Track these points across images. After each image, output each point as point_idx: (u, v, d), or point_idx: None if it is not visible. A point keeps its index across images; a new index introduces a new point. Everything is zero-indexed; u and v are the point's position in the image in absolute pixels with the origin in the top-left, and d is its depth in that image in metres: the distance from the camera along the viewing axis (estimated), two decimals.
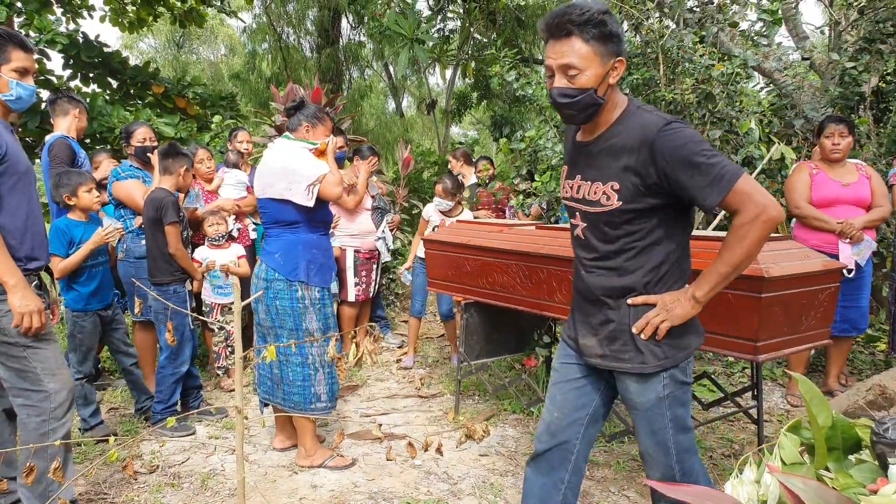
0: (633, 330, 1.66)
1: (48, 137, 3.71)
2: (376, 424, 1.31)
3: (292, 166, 2.81)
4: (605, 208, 1.66)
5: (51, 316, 2.35)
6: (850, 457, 1.05)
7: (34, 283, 2.23)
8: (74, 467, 2.62)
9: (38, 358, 2.17)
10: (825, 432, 1.02)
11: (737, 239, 1.54)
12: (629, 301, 1.68)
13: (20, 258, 2.13)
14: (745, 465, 1.17)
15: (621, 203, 1.63)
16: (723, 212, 4.21)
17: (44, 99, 7.31)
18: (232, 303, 4.12)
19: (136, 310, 2.39)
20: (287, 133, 3.02)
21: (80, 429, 3.27)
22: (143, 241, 3.49)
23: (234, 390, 4.04)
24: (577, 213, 1.76)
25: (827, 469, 1.04)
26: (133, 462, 2.35)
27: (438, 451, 1.29)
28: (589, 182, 1.71)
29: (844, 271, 3.67)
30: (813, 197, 3.62)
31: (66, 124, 3.74)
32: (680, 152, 1.52)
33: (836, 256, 3.53)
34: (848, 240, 3.56)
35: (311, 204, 2.79)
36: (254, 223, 4.61)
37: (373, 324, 2.33)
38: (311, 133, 2.98)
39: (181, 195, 3.63)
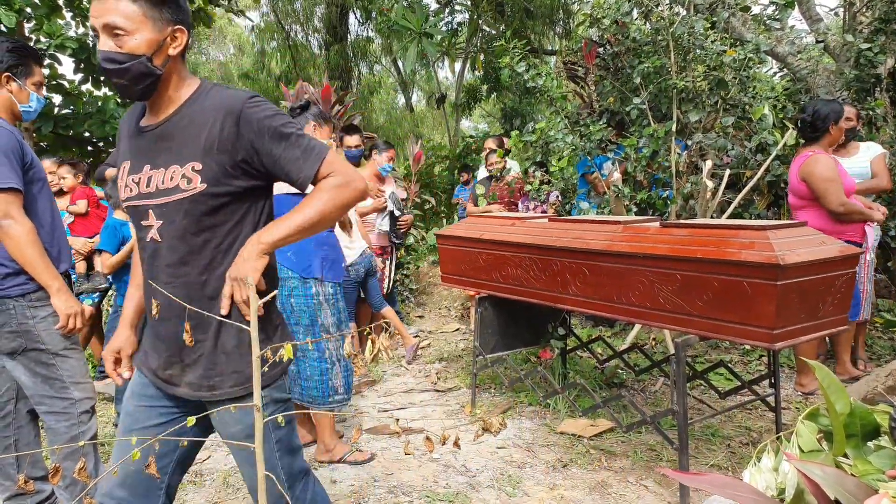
0: (222, 312, 1.45)
1: None
2: (393, 419, 1.32)
3: None
4: (187, 193, 1.44)
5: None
6: (869, 443, 1.04)
7: None
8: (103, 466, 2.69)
9: (65, 366, 2.24)
10: (843, 419, 1.01)
11: (321, 192, 1.43)
12: (223, 312, 1.46)
13: (52, 261, 2.20)
14: (762, 454, 1.17)
15: (206, 185, 1.44)
16: (737, 199, 4.20)
17: (56, 104, 7.42)
18: None
19: (154, 311, 2.49)
20: None
21: (114, 423, 3.36)
22: None
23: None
24: (150, 212, 1.48)
25: (845, 456, 1.04)
26: (154, 462, 2.39)
27: (456, 444, 1.30)
28: (162, 168, 1.47)
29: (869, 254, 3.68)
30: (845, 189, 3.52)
31: None
32: (270, 123, 1.43)
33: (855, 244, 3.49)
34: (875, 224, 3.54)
35: None
36: None
37: (388, 320, 2.33)
38: (318, 132, 3.04)
39: None
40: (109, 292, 4.38)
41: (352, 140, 4.80)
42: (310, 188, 1.48)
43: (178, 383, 1.54)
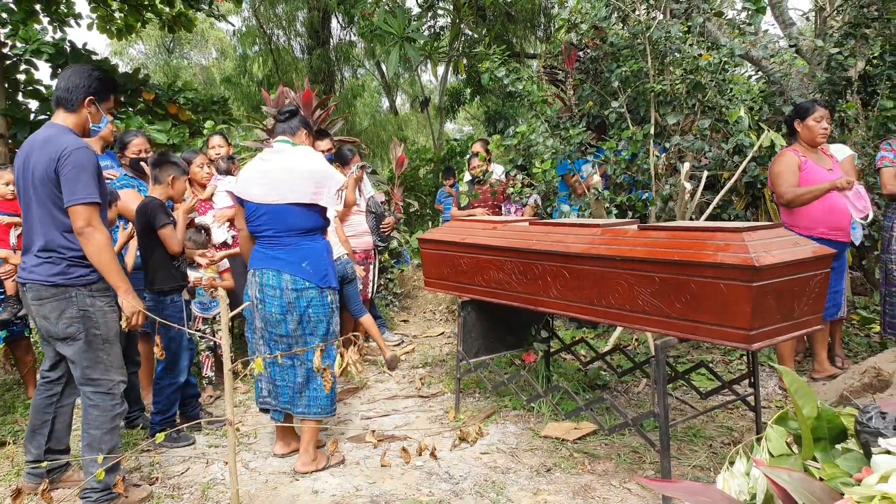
0: None
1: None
2: (370, 430, 1.32)
3: (322, 170, 2.86)
4: None
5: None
6: (838, 446, 1.06)
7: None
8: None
9: (112, 351, 2.58)
10: (811, 423, 1.03)
11: None
12: None
13: None
14: (735, 458, 1.18)
15: None
16: (715, 200, 4.24)
17: (33, 110, 7.31)
18: (217, 314, 4.12)
19: (124, 325, 2.55)
20: (285, 138, 2.98)
21: None
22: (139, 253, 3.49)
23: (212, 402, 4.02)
24: None
25: (814, 459, 1.05)
26: (121, 479, 2.38)
27: (433, 455, 1.30)
28: None
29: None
30: (805, 185, 3.59)
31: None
32: None
33: (841, 243, 3.55)
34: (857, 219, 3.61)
35: (340, 207, 2.92)
36: None
37: (356, 333, 2.32)
38: (308, 140, 3.03)
39: (176, 204, 3.61)
40: None
41: (322, 144, 4.80)
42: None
43: None
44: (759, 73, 5.15)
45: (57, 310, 2.47)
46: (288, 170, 2.83)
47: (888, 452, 0.91)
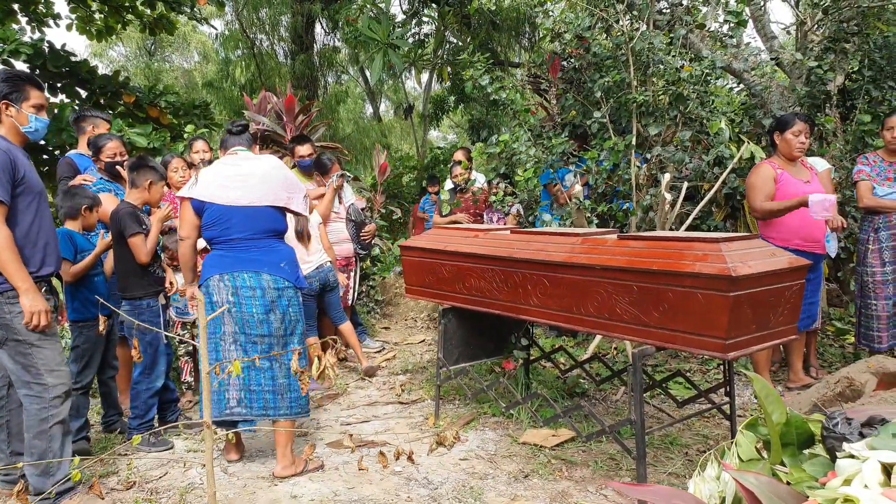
0: None
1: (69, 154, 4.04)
2: (346, 435, 1.32)
3: (293, 177, 3.03)
4: None
5: (59, 318, 2.76)
6: (805, 451, 1.08)
7: (45, 287, 2.58)
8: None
9: (40, 355, 2.51)
10: (780, 429, 1.05)
11: None
12: None
13: (32, 265, 2.49)
14: (707, 463, 1.20)
15: None
16: (695, 211, 4.30)
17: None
18: (196, 318, 4.08)
19: (101, 327, 2.53)
20: (243, 148, 3.10)
21: None
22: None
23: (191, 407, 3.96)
24: None
25: (782, 464, 1.07)
26: (98, 482, 2.34)
27: (410, 459, 1.30)
28: None
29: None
30: (780, 197, 3.66)
31: (82, 142, 4.01)
32: None
33: (816, 255, 3.62)
34: (831, 231, 3.68)
35: (308, 214, 3.12)
36: None
37: (334, 337, 2.33)
38: (256, 154, 3.18)
39: (153, 209, 3.57)
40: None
41: (303, 150, 4.80)
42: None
43: None
44: (741, 85, 5.24)
45: None
46: (258, 174, 2.95)
47: (852, 456, 0.94)
